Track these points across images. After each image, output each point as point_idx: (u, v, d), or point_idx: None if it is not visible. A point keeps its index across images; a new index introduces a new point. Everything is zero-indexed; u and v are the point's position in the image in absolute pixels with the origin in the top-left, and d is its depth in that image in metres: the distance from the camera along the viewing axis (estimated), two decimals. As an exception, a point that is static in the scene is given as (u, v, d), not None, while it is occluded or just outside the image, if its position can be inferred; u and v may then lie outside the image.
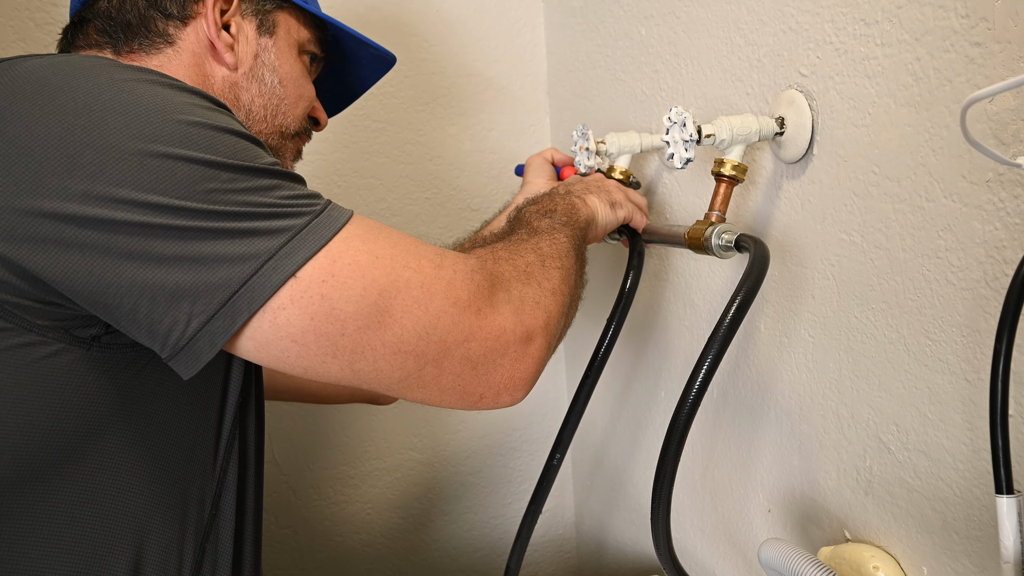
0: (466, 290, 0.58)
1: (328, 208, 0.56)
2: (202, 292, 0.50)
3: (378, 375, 0.56)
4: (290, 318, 0.52)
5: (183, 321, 0.51)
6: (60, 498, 0.57)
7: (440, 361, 0.57)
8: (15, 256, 0.49)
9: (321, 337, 0.53)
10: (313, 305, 0.52)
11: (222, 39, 0.74)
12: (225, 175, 0.52)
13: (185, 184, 0.51)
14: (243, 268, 0.51)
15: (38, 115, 0.51)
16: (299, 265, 0.52)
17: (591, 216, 0.79)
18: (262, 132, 0.79)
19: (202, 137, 0.53)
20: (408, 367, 0.56)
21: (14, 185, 0.49)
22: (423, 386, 0.58)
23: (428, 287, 0.56)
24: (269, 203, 0.53)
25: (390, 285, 0.55)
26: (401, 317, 0.55)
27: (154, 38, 0.72)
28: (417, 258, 0.57)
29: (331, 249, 0.53)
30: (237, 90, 0.76)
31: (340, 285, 0.53)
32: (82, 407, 0.56)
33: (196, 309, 0.50)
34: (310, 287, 0.52)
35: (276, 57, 0.79)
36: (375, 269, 0.55)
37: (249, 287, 0.51)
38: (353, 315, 0.53)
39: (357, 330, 0.54)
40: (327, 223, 0.54)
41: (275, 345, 0.53)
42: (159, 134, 0.51)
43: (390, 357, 0.55)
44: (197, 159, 0.51)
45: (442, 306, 0.56)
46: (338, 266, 0.53)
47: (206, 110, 0.55)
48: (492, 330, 0.59)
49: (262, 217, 0.52)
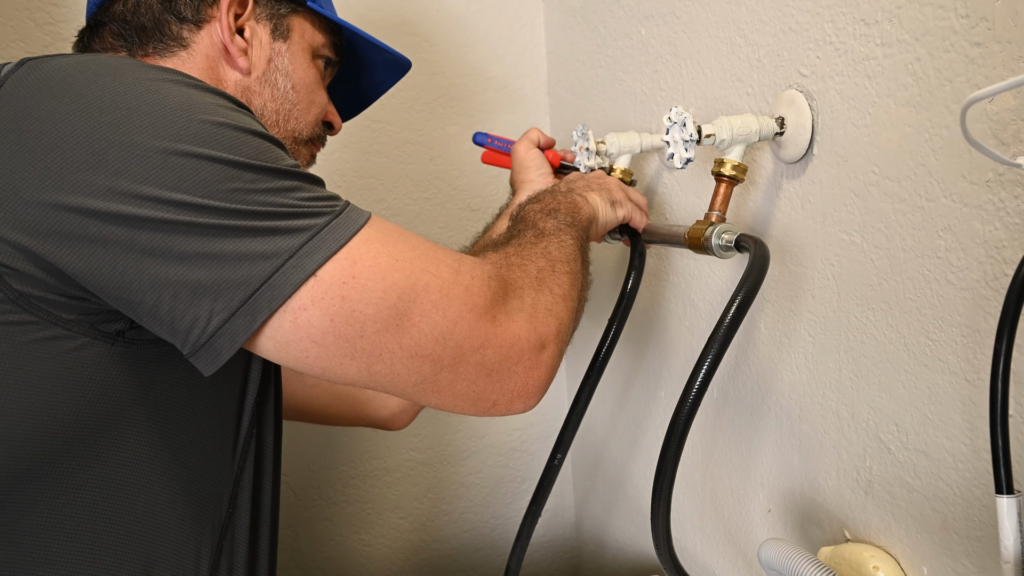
0: (483, 297, 0.58)
1: (347, 209, 0.56)
2: (223, 289, 0.51)
3: (394, 378, 0.56)
4: (311, 319, 0.52)
5: (204, 318, 0.51)
6: (81, 492, 0.57)
7: (456, 367, 0.57)
8: (40, 250, 0.50)
9: (341, 339, 0.53)
10: (334, 307, 0.53)
11: (235, 43, 0.74)
12: (248, 175, 0.53)
13: (208, 183, 0.51)
14: (264, 266, 0.51)
15: (64, 112, 0.51)
16: (319, 264, 0.52)
17: (592, 215, 0.79)
18: None
19: (226, 137, 0.53)
20: (424, 371, 0.56)
21: (40, 180, 0.50)
22: (438, 391, 0.58)
23: (447, 292, 0.56)
24: (290, 203, 0.53)
25: (409, 289, 0.55)
26: (420, 321, 0.55)
27: (168, 42, 0.72)
28: (436, 263, 0.57)
29: (352, 250, 0.54)
30: (250, 95, 0.76)
31: (361, 287, 0.53)
32: (105, 401, 0.56)
33: (217, 306, 0.51)
34: (331, 288, 0.53)
35: (290, 62, 0.78)
36: (395, 272, 0.55)
37: (270, 285, 0.51)
38: (373, 317, 0.54)
39: (376, 332, 0.54)
40: (346, 223, 0.55)
41: (295, 345, 0.53)
42: (184, 133, 0.52)
43: (407, 360, 0.56)
44: (221, 159, 0.52)
45: (460, 312, 0.57)
46: (359, 268, 0.54)
47: (230, 111, 0.56)
48: (507, 338, 0.59)
49: (283, 216, 0.53)
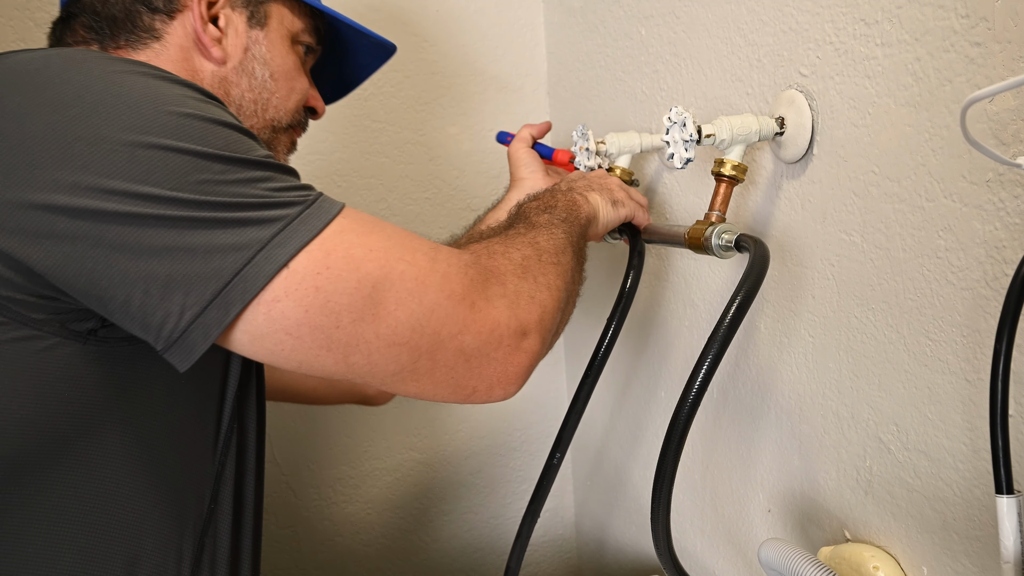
0: (460, 283, 0.58)
1: (320, 200, 0.55)
2: (195, 283, 0.50)
3: (372, 368, 0.56)
4: (285, 310, 0.52)
5: (176, 312, 0.50)
6: (59, 492, 0.57)
7: (434, 354, 0.57)
8: (9, 249, 0.49)
9: (316, 330, 0.53)
10: (308, 297, 0.52)
11: (209, 33, 0.72)
12: (217, 166, 0.52)
13: (177, 175, 0.50)
14: (236, 258, 0.50)
15: (30, 107, 0.50)
16: (292, 254, 0.52)
17: (592, 213, 0.79)
18: (253, 127, 0.77)
19: (194, 128, 0.52)
20: (402, 360, 0.56)
21: (5, 177, 0.49)
22: (416, 379, 0.58)
23: (422, 280, 0.56)
24: (261, 194, 0.53)
25: (384, 277, 0.55)
26: (395, 309, 0.55)
27: (140, 33, 0.70)
28: (411, 251, 0.57)
29: (325, 240, 0.53)
30: (227, 85, 0.75)
31: (335, 277, 0.53)
32: (79, 401, 0.56)
33: (189, 300, 0.50)
34: (305, 279, 0.52)
35: (267, 50, 0.77)
36: (369, 262, 0.54)
37: (242, 277, 0.50)
38: (348, 307, 0.53)
39: (352, 323, 0.54)
40: (319, 214, 0.54)
41: (270, 338, 0.53)
42: (150, 125, 0.51)
43: (384, 350, 0.55)
44: (189, 150, 0.51)
45: (436, 299, 0.56)
46: (333, 258, 0.53)
47: (198, 102, 0.55)
48: (486, 323, 0.58)
49: (254, 207, 0.52)
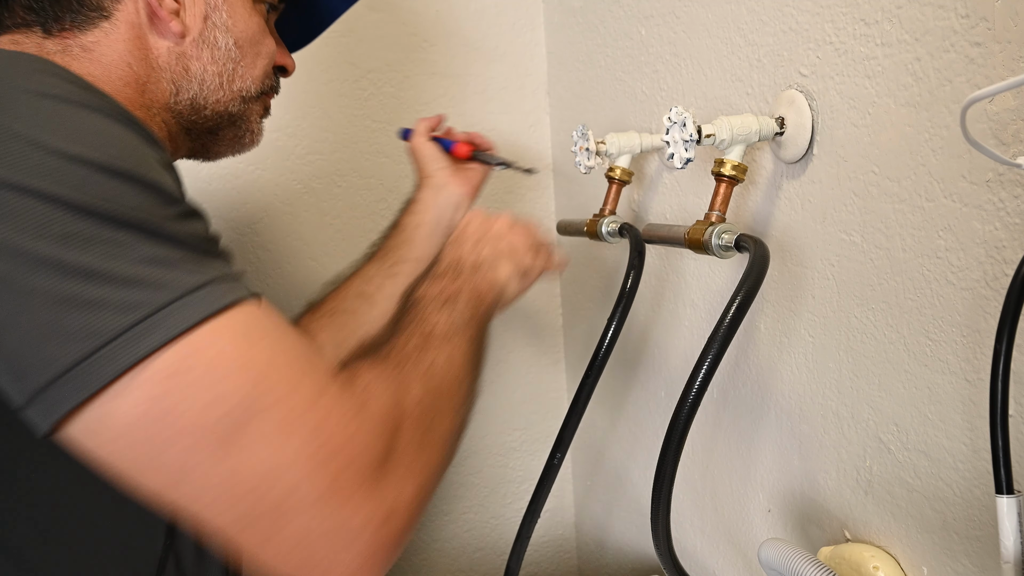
0: (334, 440, 0.48)
1: (210, 286, 0.46)
2: (29, 368, 0.43)
3: (200, 508, 0.47)
4: (117, 410, 0.43)
5: (13, 390, 0.44)
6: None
7: (279, 518, 0.46)
8: None
9: (145, 442, 0.44)
10: (144, 403, 0.43)
11: (165, 6, 0.66)
12: (87, 225, 0.44)
13: (38, 226, 0.43)
14: (80, 347, 0.43)
15: None
16: (147, 352, 0.43)
17: (498, 296, 0.74)
18: (221, 100, 0.72)
19: (74, 174, 0.45)
20: (239, 510, 0.46)
21: None
22: (255, 540, 0.47)
23: (292, 421, 0.46)
24: (131, 269, 0.44)
25: (248, 405, 0.45)
26: (248, 447, 0.45)
27: (87, 12, 0.63)
28: (296, 381, 0.48)
29: (194, 338, 0.45)
30: (186, 61, 0.68)
31: (188, 383, 0.44)
32: None
33: (20, 386, 0.44)
34: (153, 377, 0.44)
35: (229, 15, 0.70)
36: (236, 378, 0.45)
37: (80, 371, 0.43)
38: (189, 429, 0.44)
39: (190, 448, 0.44)
40: (200, 304, 0.46)
41: (95, 438, 0.44)
42: (21, 165, 0.44)
43: (220, 489, 0.45)
44: (59, 199, 0.44)
45: (298, 453, 0.46)
46: (194, 360, 0.44)
47: (95, 137, 0.47)
48: (350, 501, 0.48)
49: (120, 283, 0.44)
